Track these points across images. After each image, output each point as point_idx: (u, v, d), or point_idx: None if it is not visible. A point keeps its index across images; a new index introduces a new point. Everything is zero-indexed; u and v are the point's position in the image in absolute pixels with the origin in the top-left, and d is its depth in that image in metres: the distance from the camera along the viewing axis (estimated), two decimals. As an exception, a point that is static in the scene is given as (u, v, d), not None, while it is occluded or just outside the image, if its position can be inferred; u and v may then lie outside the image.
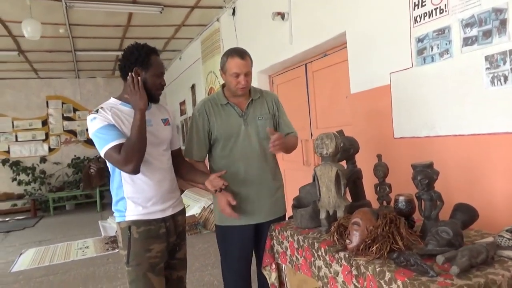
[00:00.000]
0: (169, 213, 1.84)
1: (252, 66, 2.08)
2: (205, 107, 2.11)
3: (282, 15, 3.74)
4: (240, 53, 2.02)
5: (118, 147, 1.63)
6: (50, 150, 8.90)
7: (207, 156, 2.19)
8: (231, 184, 2.08)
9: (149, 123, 1.78)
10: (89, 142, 9.17)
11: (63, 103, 9.01)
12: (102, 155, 1.69)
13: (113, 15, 5.04)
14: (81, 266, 4.27)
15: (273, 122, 2.19)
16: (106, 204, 8.49)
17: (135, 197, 1.75)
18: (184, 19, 5.49)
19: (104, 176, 8.05)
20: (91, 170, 7.77)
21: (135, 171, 1.67)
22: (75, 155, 8.97)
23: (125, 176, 1.75)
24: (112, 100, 1.81)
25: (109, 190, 7.12)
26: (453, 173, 2.13)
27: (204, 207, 5.66)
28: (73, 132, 9.10)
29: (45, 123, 8.86)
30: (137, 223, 1.74)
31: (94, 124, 1.67)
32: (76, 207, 8.60)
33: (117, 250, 4.71)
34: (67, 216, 7.73)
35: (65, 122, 9.03)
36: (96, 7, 4.63)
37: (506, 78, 1.90)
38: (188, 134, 2.16)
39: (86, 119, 8.52)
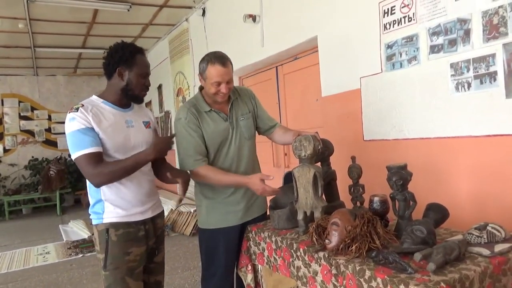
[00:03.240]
0: (148, 215, 1.80)
1: (233, 70, 2.01)
2: (191, 113, 1.98)
3: (253, 18, 3.77)
4: (222, 60, 1.91)
5: (90, 156, 1.60)
6: (5, 150, 8.41)
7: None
8: (221, 188, 2.05)
9: (130, 123, 1.75)
10: (48, 142, 8.78)
11: (20, 102, 8.55)
12: (73, 158, 1.65)
13: (78, 11, 4.86)
14: (42, 272, 4.07)
15: (253, 119, 2.16)
16: (66, 208, 8.15)
17: (114, 199, 1.71)
18: (152, 18, 5.40)
19: (64, 178, 7.74)
20: (51, 172, 7.45)
21: (98, 186, 1.68)
22: (32, 156, 8.53)
23: None
24: (94, 97, 1.76)
25: (69, 193, 6.86)
26: (421, 175, 2.23)
27: (171, 209, 5.58)
28: (30, 132, 8.64)
29: (-1, 122, 8.40)
30: (115, 225, 1.69)
31: (71, 124, 1.62)
32: (33, 211, 8.17)
33: (81, 255, 4.55)
34: (24, 221, 7.34)
35: (22, 122, 8.57)
36: (60, 2, 4.45)
37: (469, 85, 2.02)
38: (179, 144, 2.00)
39: (44, 119, 8.13)
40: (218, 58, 1.92)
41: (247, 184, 1.90)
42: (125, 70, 1.71)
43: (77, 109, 1.64)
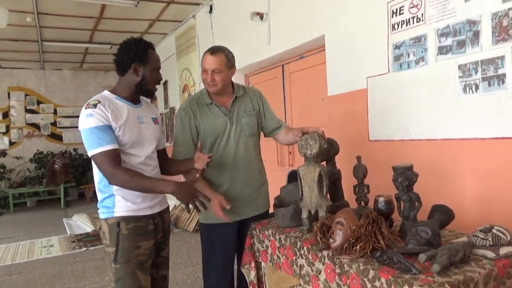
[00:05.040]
0: (157, 209, 1.82)
1: (227, 65, 2.03)
2: (190, 106, 2.08)
3: (261, 15, 3.76)
4: (212, 50, 2.02)
5: (108, 154, 1.62)
6: (11, 143, 8.46)
7: None
8: (218, 182, 2.10)
9: (141, 120, 1.79)
10: (54, 136, 8.83)
11: (26, 95, 8.58)
12: (89, 155, 1.66)
13: (85, 5, 4.87)
14: (46, 265, 4.11)
15: (257, 119, 2.18)
16: (70, 201, 8.20)
17: (125, 193, 1.72)
18: (159, 14, 5.40)
19: (69, 172, 7.78)
20: (56, 166, 7.49)
21: (111, 184, 1.70)
22: (38, 150, 8.57)
23: None
24: (107, 93, 1.77)
25: (73, 186, 6.89)
26: (426, 176, 2.21)
27: (175, 205, 5.59)
28: (36, 126, 8.68)
29: (6, 115, 8.41)
30: (126, 219, 1.71)
31: (89, 121, 1.63)
32: (38, 204, 8.23)
33: (84, 249, 4.58)
34: (29, 213, 7.39)
35: (28, 115, 8.61)
36: (68, -3, 4.47)
37: (477, 87, 2.01)
38: (175, 135, 2.12)
39: (50, 113, 8.14)
40: (211, 48, 2.04)
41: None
42: (139, 66, 1.73)
43: (94, 106, 1.64)
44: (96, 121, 1.62)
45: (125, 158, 1.71)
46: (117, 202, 1.71)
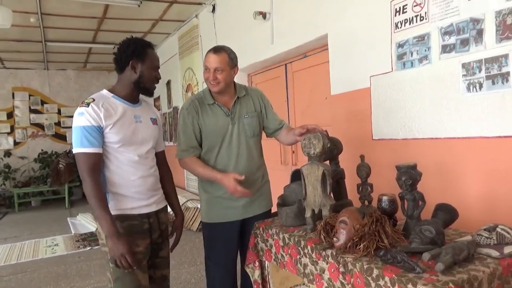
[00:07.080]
0: (153, 209, 1.82)
1: (230, 65, 2.05)
2: (193, 105, 2.09)
3: (263, 15, 3.76)
4: (215, 49, 2.04)
5: (87, 156, 1.63)
6: (16, 143, 8.51)
7: None
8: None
9: (138, 119, 1.79)
10: (58, 136, 8.87)
11: (30, 95, 8.62)
12: (73, 152, 1.69)
13: (89, 6, 4.89)
14: (51, 264, 4.14)
15: (259, 119, 2.19)
16: (74, 201, 8.24)
17: (119, 192, 1.73)
18: (162, 13, 5.41)
19: (73, 172, 7.81)
20: (60, 166, 7.53)
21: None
22: (42, 150, 8.61)
23: (108, 172, 1.73)
24: (105, 92, 1.78)
25: (78, 186, 6.90)
26: (430, 175, 2.22)
27: (178, 204, 5.61)
28: (40, 126, 8.73)
29: (10, 115, 8.47)
30: (120, 218, 1.71)
31: (79, 119, 1.65)
32: (42, 204, 8.28)
33: (89, 248, 4.61)
34: (34, 213, 7.43)
35: (32, 115, 8.65)
36: (71, -3, 4.49)
37: (481, 85, 2.00)
38: (178, 134, 2.12)
39: (54, 113, 8.18)
40: (214, 47, 2.06)
41: (220, 180, 1.96)
42: (137, 63, 1.74)
43: (87, 105, 1.66)
44: (85, 121, 1.63)
45: (118, 156, 1.72)
46: (111, 201, 1.71)
